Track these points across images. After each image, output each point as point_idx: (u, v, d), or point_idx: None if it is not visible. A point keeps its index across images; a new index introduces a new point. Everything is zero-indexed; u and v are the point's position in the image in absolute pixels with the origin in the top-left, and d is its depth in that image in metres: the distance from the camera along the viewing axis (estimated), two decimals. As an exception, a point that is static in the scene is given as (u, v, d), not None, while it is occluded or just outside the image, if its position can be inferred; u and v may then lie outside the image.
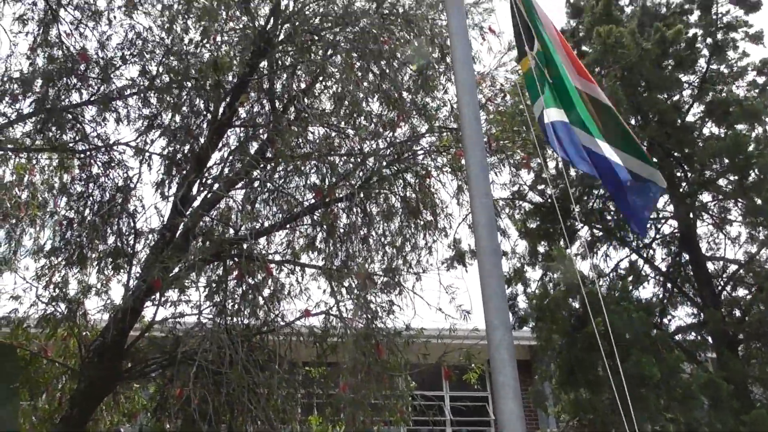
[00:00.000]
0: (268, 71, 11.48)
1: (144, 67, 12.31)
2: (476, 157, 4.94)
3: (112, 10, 12.52)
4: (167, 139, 11.92)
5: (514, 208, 20.74)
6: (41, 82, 11.95)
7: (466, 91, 5.24)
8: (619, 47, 21.16)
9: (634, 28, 22.01)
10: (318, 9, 11.50)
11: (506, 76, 12.38)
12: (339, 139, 11.77)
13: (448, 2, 5.75)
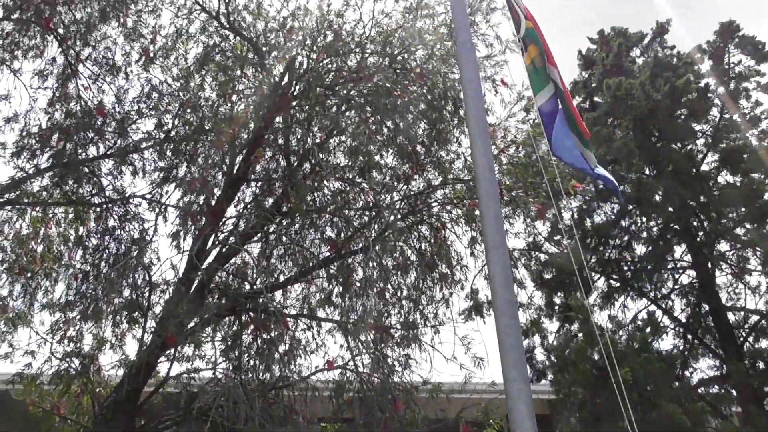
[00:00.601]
0: (283, 126, 11.57)
1: (160, 120, 12.47)
2: (491, 208, 4.93)
3: (130, 64, 12.75)
4: (183, 191, 11.98)
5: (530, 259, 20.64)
6: (59, 136, 12.12)
7: (479, 143, 5.25)
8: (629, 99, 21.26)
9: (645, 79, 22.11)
10: (332, 65, 11.63)
11: (518, 126, 12.42)
12: (354, 193, 11.79)
13: (461, 56, 5.79)
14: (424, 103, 11.48)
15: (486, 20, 12.17)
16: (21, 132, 12.46)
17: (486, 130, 5.47)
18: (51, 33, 12.33)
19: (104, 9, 12.32)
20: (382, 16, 11.78)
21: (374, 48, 11.57)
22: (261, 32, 12.27)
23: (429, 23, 11.89)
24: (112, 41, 12.76)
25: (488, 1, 12.06)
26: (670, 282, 23.49)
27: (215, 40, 12.66)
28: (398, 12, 11.92)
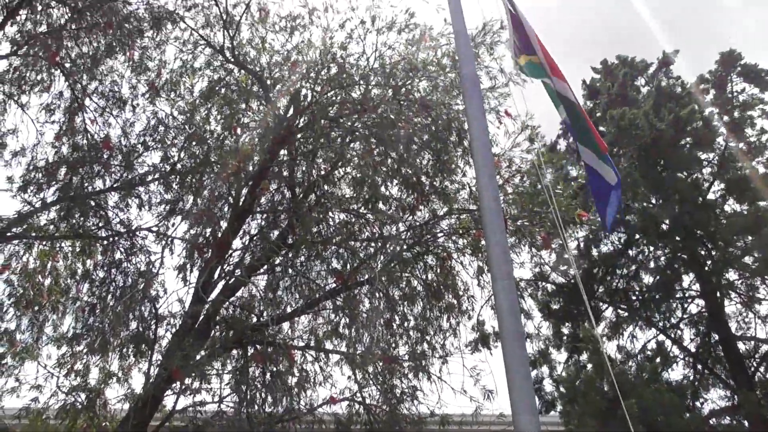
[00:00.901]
0: (288, 159, 11.62)
1: (166, 153, 12.56)
2: (496, 238, 4.93)
3: (136, 97, 12.88)
4: (189, 224, 12.01)
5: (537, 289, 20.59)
6: (65, 170, 12.21)
7: (484, 174, 5.27)
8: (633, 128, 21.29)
9: (649, 109, 22.15)
10: (336, 97, 11.70)
11: (522, 156, 12.43)
12: (359, 224, 11.80)
13: (466, 88, 5.83)
14: (429, 134, 11.52)
15: (490, 53, 12.25)
16: (28, 166, 12.60)
17: (491, 161, 5.49)
18: (58, 67, 12.47)
19: (111, 43, 12.48)
20: (386, 48, 11.89)
21: (378, 80, 11.65)
22: (265, 66, 12.39)
23: (432, 54, 11.96)
24: (119, 75, 12.93)
25: (492, 35, 12.12)
26: (678, 311, 23.35)
27: (220, 74, 12.79)
28: (401, 44, 12.02)
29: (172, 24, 12.58)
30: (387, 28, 11.81)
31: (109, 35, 12.42)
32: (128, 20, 12.47)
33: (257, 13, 12.42)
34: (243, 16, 12.21)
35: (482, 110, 5.89)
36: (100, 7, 12.09)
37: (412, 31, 12.03)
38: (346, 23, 11.97)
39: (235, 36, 12.05)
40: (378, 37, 11.79)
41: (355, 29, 11.89)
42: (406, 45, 12.01)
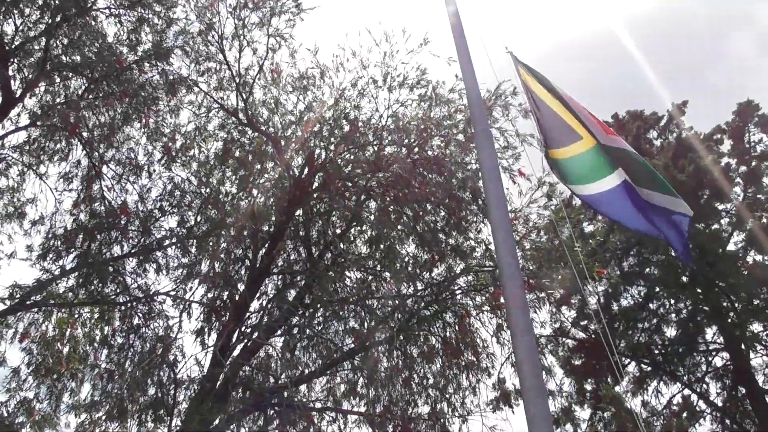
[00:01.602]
0: (304, 218, 11.67)
1: (182, 217, 12.66)
2: (515, 295, 4.87)
3: (152, 163, 13.03)
4: (206, 287, 12.03)
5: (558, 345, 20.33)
6: (83, 237, 12.31)
7: (500, 230, 5.23)
8: (652, 180, 21.23)
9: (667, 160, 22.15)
10: (350, 156, 11.78)
11: (539, 212, 12.41)
12: (376, 283, 11.76)
13: (479, 145, 5.83)
14: (443, 191, 11.54)
15: (504, 114, 12.31)
16: (47, 234, 12.74)
17: (507, 217, 5.46)
18: (76, 137, 12.66)
19: (127, 111, 12.69)
20: (398, 105, 11.96)
21: (391, 138, 11.72)
22: (279, 126, 12.50)
23: (445, 111, 12.05)
24: (135, 142, 13.11)
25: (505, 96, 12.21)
26: (703, 365, 22.97)
27: (234, 136, 12.92)
28: (414, 101, 12.10)
29: (186, 89, 12.79)
30: (399, 85, 11.89)
31: (125, 103, 12.63)
32: (143, 88, 12.69)
33: (269, 74, 12.57)
34: (256, 77, 12.38)
35: (496, 167, 5.88)
36: (116, 77, 12.32)
37: (425, 88, 12.10)
38: (358, 81, 12.07)
39: (248, 98, 12.20)
40: (390, 94, 11.87)
41: (367, 87, 11.99)
42: (418, 101, 12.09)
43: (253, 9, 12.05)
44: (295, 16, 12.17)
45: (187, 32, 12.47)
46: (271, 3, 12.03)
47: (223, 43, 12.16)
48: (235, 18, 12.06)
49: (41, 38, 11.78)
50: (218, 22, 12.12)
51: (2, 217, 13.00)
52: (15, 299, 11.58)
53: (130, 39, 12.58)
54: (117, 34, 12.59)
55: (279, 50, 12.40)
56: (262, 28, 12.17)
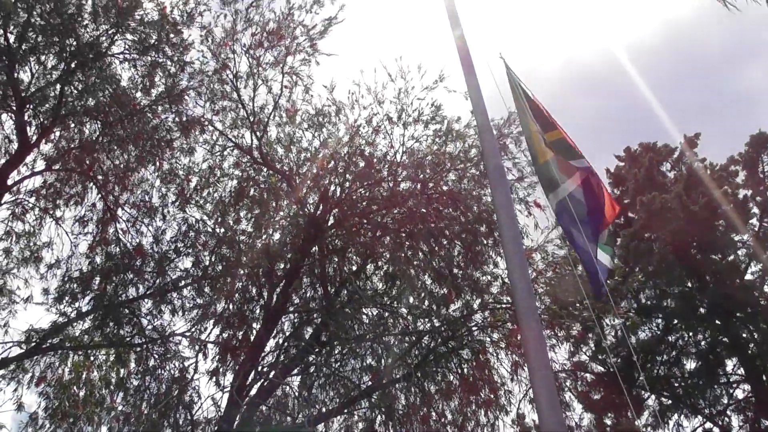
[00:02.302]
0: (319, 256, 11.65)
1: (197, 257, 12.67)
2: (532, 330, 4.82)
3: (166, 205, 13.09)
4: (222, 327, 12.01)
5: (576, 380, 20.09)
6: (99, 279, 12.35)
7: (516, 266, 5.19)
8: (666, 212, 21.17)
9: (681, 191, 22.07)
10: (365, 192, 11.79)
11: (554, 250, 12.37)
12: (393, 319, 11.71)
13: (493, 180, 5.82)
14: (459, 226, 11.53)
15: (516, 144, 12.33)
16: (63, 277, 12.76)
17: (522, 253, 5.43)
18: (91, 180, 12.75)
19: (141, 154, 12.78)
20: (413, 141, 11.99)
21: (406, 173, 11.74)
22: (293, 164, 12.55)
23: (459, 146, 12.07)
24: (149, 184, 13.19)
25: (516, 125, 12.23)
26: (724, 397, 22.63)
27: (248, 174, 12.96)
28: (428, 136, 12.13)
29: (200, 128, 12.87)
30: (414, 121, 11.93)
31: (139, 146, 12.74)
32: (157, 130, 12.80)
33: (284, 112, 12.64)
34: (270, 116, 12.45)
35: (510, 203, 5.86)
36: (130, 120, 12.44)
37: (439, 123, 12.13)
38: (373, 118, 12.12)
39: (262, 136, 12.26)
40: (405, 130, 11.91)
41: (382, 123, 12.03)
42: (433, 137, 12.12)
43: (268, 48, 12.16)
44: (310, 55, 12.28)
45: (202, 72, 12.59)
46: (286, 42, 12.14)
47: (237, 82, 12.26)
48: (249, 57, 12.17)
49: (57, 84, 11.92)
50: (233, 61, 12.23)
51: (19, 262, 13.04)
52: (31, 343, 11.59)
53: (144, 83, 12.71)
54: (131, 78, 12.75)
55: (294, 88, 12.49)
56: (276, 67, 12.27)
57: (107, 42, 12.18)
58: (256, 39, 12.09)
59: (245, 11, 11.97)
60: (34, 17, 11.72)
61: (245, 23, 12.05)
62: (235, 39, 12.09)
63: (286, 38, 12.11)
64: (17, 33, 11.67)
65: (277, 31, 12.02)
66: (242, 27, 12.09)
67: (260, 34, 12.07)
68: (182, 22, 12.41)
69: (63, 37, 11.75)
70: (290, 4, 12.06)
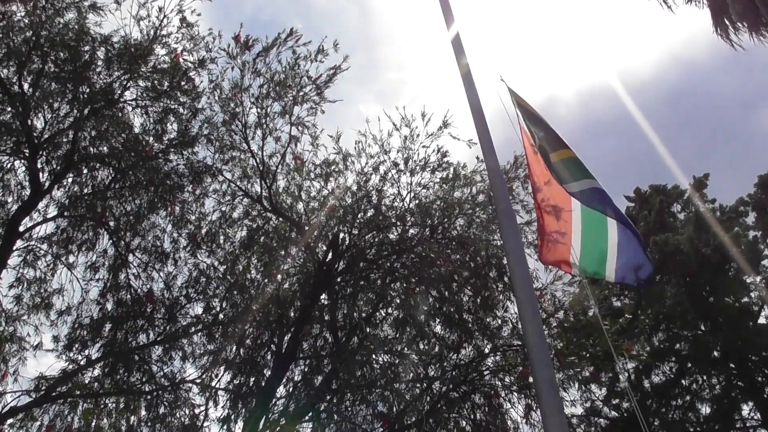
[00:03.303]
0: (329, 302, 11.64)
1: (208, 303, 12.67)
2: (544, 374, 4.78)
3: (178, 251, 13.13)
4: (232, 374, 11.95)
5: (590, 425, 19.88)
6: (109, 326, 12.34)
7: (527, 310, 5.17)
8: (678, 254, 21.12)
9: (692, 234, 22.04)
10: (374, 239, 11.82)
11: (565, 289, 12.32)
12: (403, 365, 11.64)
13: (502, 223, 5.82)
14: (468, 271, 11.53)
15: (524, 187, 12.37)
16: (73, 324, 12.73)
17: (533, 296, 5.42)
18: (103, 226, 12.81)
19: (153, 200, 12.86)
20: (420, 187, 12.06)
21: (415, 219, 11.77)
22: (302, 212, 12.61)
23: (467, 191, 12.12)
24: (161, 230, 13.25)
25: (524, 168, 12.28)
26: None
27: (258, 223, 13.05)
28: (436, 183, 12.20)
29: (211, 177, 12.99)
30: (420, 168, 12.03)
31: (150, 192, 12.82)
32: (169, 177, 12.89)
33: (292, 161, 12.76)
34: (279, 165, 12.56)
35: (521, 246, 5.85)
36: (142, 166, 12.54)
37: (446, 170, 12.21)
38: (380, 166, 12.22)
39: (271, 185, 12.35)
40: (412, 177, 12.00)
41: (389, 171, 12.12)
42: (440, 183, 12.19)
43: (275, 99, 12.30)
44: (317, 104, 12.41)
45: (212, 122, 12.73)
46: (293, 92, 12.28)
47: (246, 132, 12.40)
48: (258, 107, 12.32)
49: (70, 131, 12.05)
50: (242, 111, 12.37)
51: (29, 308, 13.04)
52: (41, 391, 11.54)
53: (156, 129, 12.85)
54: (143, 124, 12.91)
55: (301, 137, 12.62)
56: (284, 117, 12.41)
57: (120, 88, 12.35)
58: (263, 90, 12.24)
59: (252, 62, 12.12)
60: (48, 64, 11.91)
61: (253, 74, 12.20)
62: (244, 90, 12.24)
63: (293, 88, 12.25)
64: (31, 80, 11.85)
65: (284, 81, 12.17)
66: (250, 78, 12.25)
67: (268, 84, 12.22)
68: (194, 68, 12.59)
69: (76, 84, 11.92)
70: (296, 54, 12.21)
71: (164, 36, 12.31)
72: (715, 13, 11.18)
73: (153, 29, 12.14)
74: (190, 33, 12.36)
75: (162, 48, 12.41)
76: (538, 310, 5.56)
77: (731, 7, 10.60)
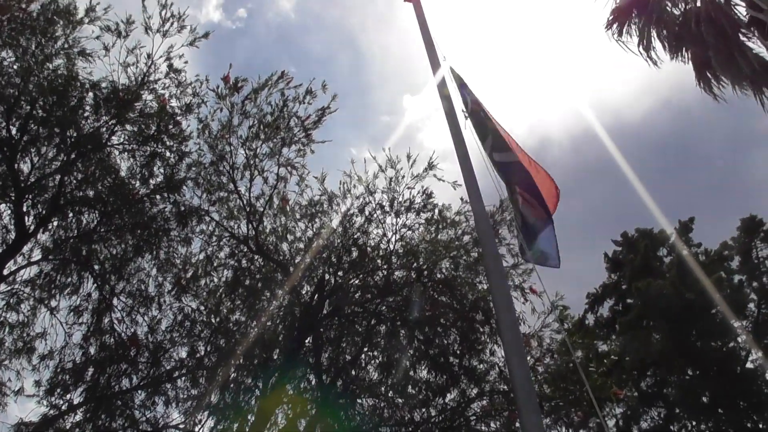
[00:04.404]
0: (314, 345, 11.57)
1: (192, 347, 12.56)
2: (532, 419, 4.75)
3: (163, 294, 13.04)
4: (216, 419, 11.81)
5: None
6: (92, 370, 12.20)
7: (514, 354, 5.14)
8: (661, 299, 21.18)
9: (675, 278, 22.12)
10: (359, 282, 11.80)
11: (552, 336, 12.30)
12: (389, 409, 11.55)
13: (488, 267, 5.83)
14: (454, 314, 11.50)
15: (510, 231, 12.39)
16: (55, 368, 12.58)
17: (520, 340, 5.39)
18: (87, 270, 12.75)
19: (138, 243, 12.82)
20: (406, 229, 12.07)
21: (400, 261, 11.77)
22: (288, 253, 12.59)
23: (452, 233, 12.14)
24: (146, 273, 13.17)
25: (510, 211, 12.33)
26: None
27: (244, 264, 12.99)
28: (421, 224, 12.21)
29: (198, 219, 12.95)
30: (406, 209, 12.03)
31: (136, 236, 12.79)
32: (155, 219, 12.87)
33: (279, 202, 12.76)
34: (266, 206, 12.55)
35: (507, 289, 5.86)
36: (128, 210, 12.52)
37: (431, 212, 12.23)
38: (365, 207, 12.23)
39: (258, 226, 12.34)
40: (397, 219, 12.01)
41: (375, 212, 12.13)
42: (426, 225, 12.20)
43: (264, 140, 12.34)
44: (305, 145, 12.46)
45: (200, 163, 12.75)
46: (282, 134, 12.33)
47: (234, 173, 12.41)
48: (246, 149, 12.35)
49: (56, 174, 12.05)
50: (230, 152, 12.39)
51: (11, 353, 12.89)
52: (21, 438, 11.37)
53: (143, 172, 12.84)
54: (130, 168, 12.88)
55: (289, 178, 12.66)
56: (272, 158, 12.44)
57: (107, 133, 12.38)
58: (252, 131, 12.29)
59: (241, 104, 12.19)
60: (36, 109, 11.94)
61: (241, 115, 12.26)
62: (232, 131, 12.28)
63: (282, 130, 12.31)
64: (19, 125, 11.87)
65: (273, 122, 12.23)
66: (238, 120, 12.30)
67: (256, 125, 12.28)
68: (181, 113, 12.64)
69: (64, 129, 11.95)
70: (284, 96, 12.29)
71: (152, 82, 12.39)
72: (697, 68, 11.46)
73: (141, 75, 12.22)
74: (177, 79, 12.45)
75: (149, 93, 12.48)
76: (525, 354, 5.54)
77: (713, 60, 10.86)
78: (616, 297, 26.32)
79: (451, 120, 6.31)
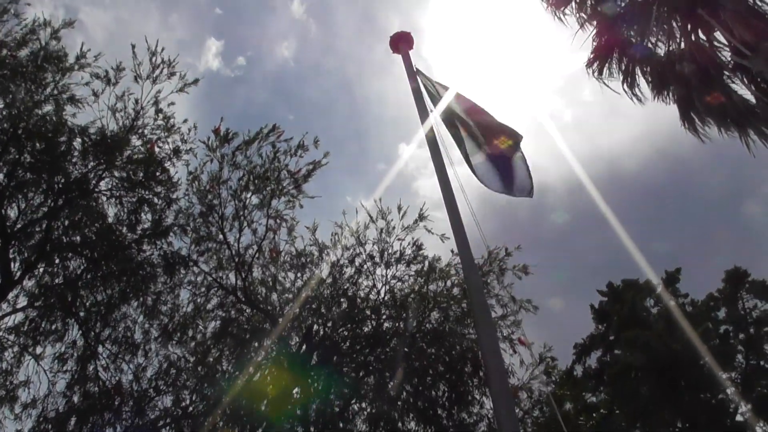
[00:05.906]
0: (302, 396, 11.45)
1: (178, 396, 12.38)
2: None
3: (149, 341, 12.88)
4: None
5: None
6: (75, 420, 11.98)
7: (503, 406, 5.10)
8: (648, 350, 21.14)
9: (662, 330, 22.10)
10: (348, 332, 11.74)
11: (541, 388, 12.22)
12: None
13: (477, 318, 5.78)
14: (443, 365, 11.43)
15: (499, 281, 12.39)
16: (38, 418, 12.35)
17: (508, 392, 5.35)
18: (72, 317, 12.60)
19: (124, 290, 12.71)
20: (395, 280, 12.07)
21: (389, 312, 11.73)
22: (277, 304, 12.52)
23: (441, 285, 12.12)
24: (132, 320, 13.03)
25: (499, 262, 12.34)
26: None
27: (232, 314, 12.88)
28: (411, 276, 12.21)
29: (185, 268, 12.88)
30: (395, 260, 12.06)
31: (123, 282, 12.68)
32: (142, 267, 12.78)
33: (268, 253, 12.74)
34: (255, 256, 12.53)
35: (496, 340, 5.82)
36: (115, 256, 12.44)
37: (421, 264, 12.25)
38: (355, 258, 12.24)
39: (247, 276, 12.29)
40: (387, 270, 12.02)
41: (365, 263, 12.13)
42: (415, 277, 12.19)
43: (254, 191, 12.35)
44: (295, 197, 12.47)
45: (189, 213, 12.72)
46: (272, 186, 12.34)
47: (223, 224, 12.40)
48: (236, 200, 12.35)
49: (43, 220, 11.98)
50: (219, 203, 12.38)
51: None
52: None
53: (130, 219, 12.78)
54: (117, 214, 12.83)
55: (278, 230, 12.65)
56: (262, 209, 12.45)
57: (95, 178, 12.35)
58: (242, 182, 12.31)
59: (231, 155, 12.22)
60: (24, 155, 11.90)
61: (231, 167, 12.29)
62: (222, 182, 12.29)
63: (272, 182, 12.33)
64: (7, 170, 11.82)
65: (263, 175, 12.26)
66: (228, 172, 12.32)
67: (246, 177, 12.30)
68: (169, 158, 12.65)
69: (51, 174, 11.91)
70: (275, 148, 12.34)
71: (140, 126, 12.43)
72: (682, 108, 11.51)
73: (129, 120, 12.25)
74: (166, 124, 12.49)
75: (138, 138, 12.50)
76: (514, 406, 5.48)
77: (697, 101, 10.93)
78: (603, 348, 26.23)
79: (439, 170, 6.30)
